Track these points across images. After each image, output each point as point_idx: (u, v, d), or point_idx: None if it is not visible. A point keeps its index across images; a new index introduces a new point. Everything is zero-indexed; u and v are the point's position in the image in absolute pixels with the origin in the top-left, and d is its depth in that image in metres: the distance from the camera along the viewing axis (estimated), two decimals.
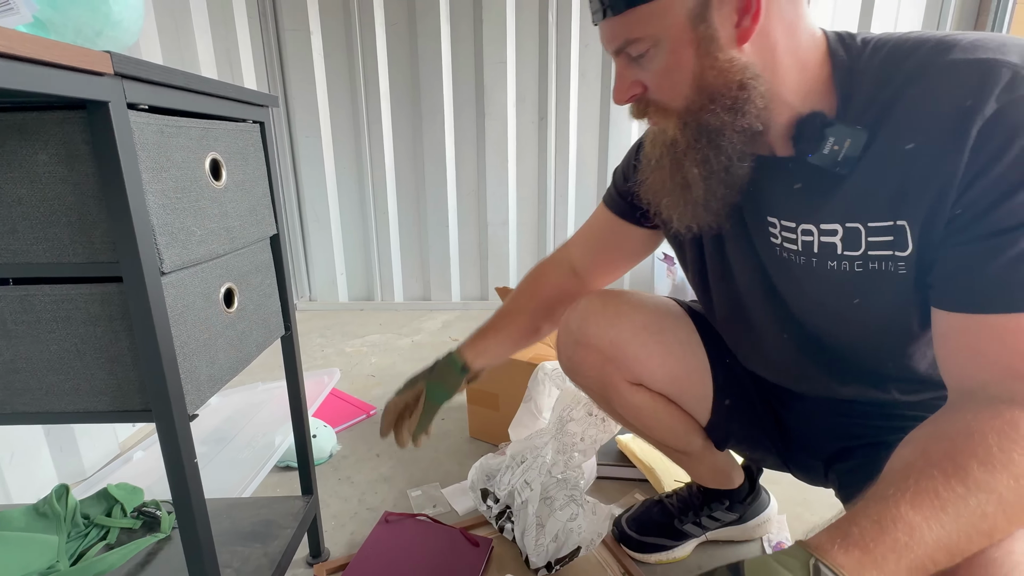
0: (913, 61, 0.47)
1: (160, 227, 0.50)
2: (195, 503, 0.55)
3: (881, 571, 0.37)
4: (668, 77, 0.52)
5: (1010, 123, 0.42)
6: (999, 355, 0.43)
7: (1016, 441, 0.39)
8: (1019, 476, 0.38)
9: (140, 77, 0.47)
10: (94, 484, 1.16)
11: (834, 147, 0.50)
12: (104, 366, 0.52)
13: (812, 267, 0.57)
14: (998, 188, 0.42)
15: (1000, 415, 0.41)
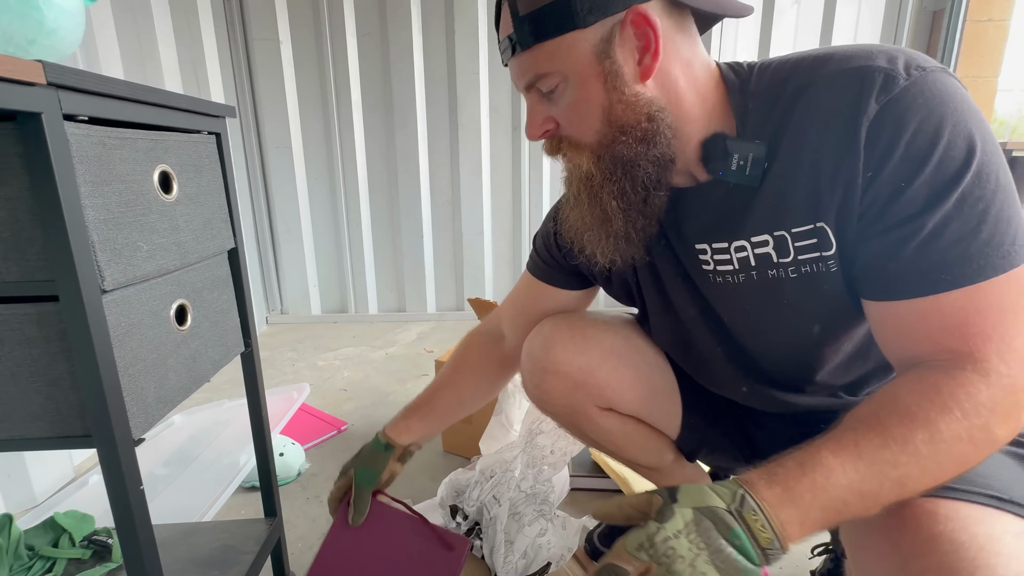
0: (797, 77, 0.51)
1: (101, 243, 0.48)
2: (142, 534, 0.52)
3: (797, 507, 0.41)
4: (578, 111, 0.54)
5: (892, 119, 0.45)
6: (925, 333, 0.46)
7: (933, 401, 0.43)
8: (934, 432, 0.42)
9: (77, 87, 0.45)
10: (46, 511, 1.10)
11: (740, 162, 0.53)
12: (41, 390, 0.49)
13: (753, 280, 0.58)
14: (895, 181, 0.46)
15: (923, 379, 0.45)
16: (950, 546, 0.41)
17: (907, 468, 0.42)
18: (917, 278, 0.46)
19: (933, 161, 0.44)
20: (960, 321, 0.44)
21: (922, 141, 0.44)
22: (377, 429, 1.48)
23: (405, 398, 1.67)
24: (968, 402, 0.42)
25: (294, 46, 2.29)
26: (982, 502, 0.44)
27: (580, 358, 0.74)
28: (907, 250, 0.46)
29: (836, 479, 0.41)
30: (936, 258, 0.45)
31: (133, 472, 0.51)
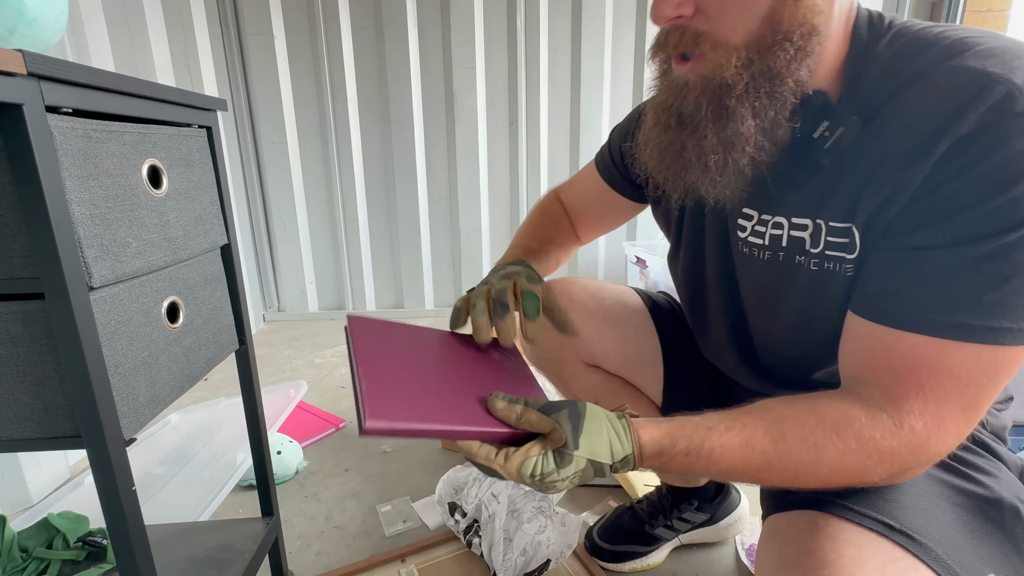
0: (922, 59, 0.44)
1: (88, 239, 0.47)
2: (134, 536, 0.51)
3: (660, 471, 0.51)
4: (739, 1, 0.45)
5: (982, 144, 0.40)
6: (873, 363, 0.46)
7: (838, 435, 0.44)
8: (816, 462, 0.45)
9: (59, 78, 0.43)
10: (40, 512, 1.09)
11: (824, 133, 0.47)
12: (28, 390, 0.48)
13: (777, 262, 0.55)
14: (941, 207, 0.42)
15: (843, 408, 0.45)
16: (815, 562, 0.44)
17: (773, 478, 0.47)
18: (895, 307, 0.44)
19: (995, 202, 0.39)
20: (907, 366, 0.43)
21: (997, 178, 0.39)
22: None
23: None
24: (869, 445, 0.44)
25: (288, 41, 2.27)
26: (870, 526, 0.45)
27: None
28: (901, 277, 0.44)
29: (708, 469, 0.46)
30: (923, 297, 0.42)
31: (124, 473, 0.50)
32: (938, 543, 0.45)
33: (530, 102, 2.30)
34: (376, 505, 1.13)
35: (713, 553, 0.97)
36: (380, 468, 1.26)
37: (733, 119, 0.47)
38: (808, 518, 0.49)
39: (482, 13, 2.22)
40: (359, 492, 1.18)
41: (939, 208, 0.42)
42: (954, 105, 0.41)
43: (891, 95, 0.45)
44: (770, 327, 0.62)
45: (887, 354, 0.44)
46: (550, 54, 2.26)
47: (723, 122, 0.48)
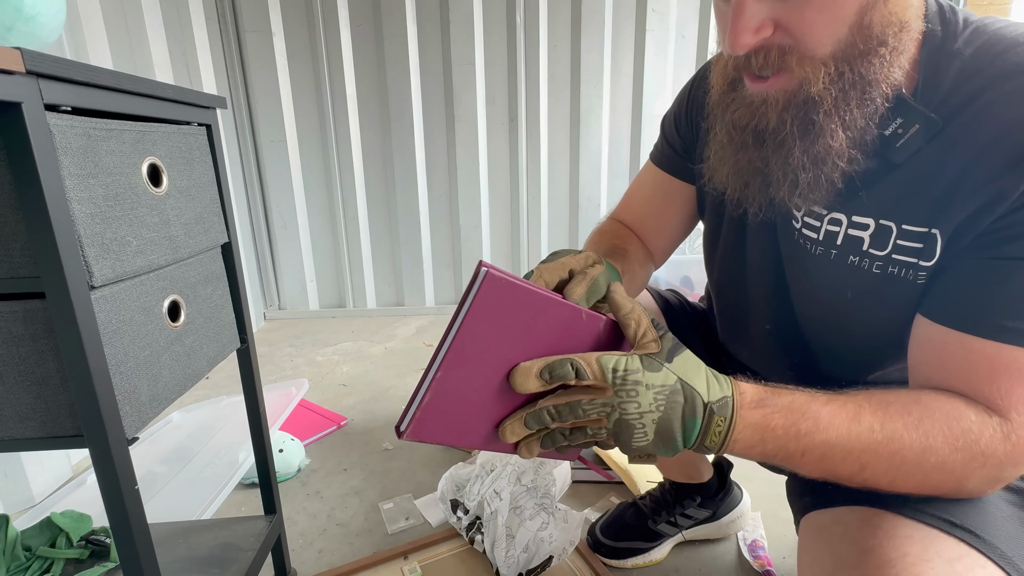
0: (1009, 58, 0.42)
1: (88, 238, 0.47)
2: (137, 534, 0.51)
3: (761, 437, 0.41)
4: (827, 10, 0.41)
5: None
6: (968, 374, 0.43)
7: (948, 427, 0.41)
8: (925, 451, 0.41)
9: (59, 76, 0.43)
10: (43, 511, 1.09)
11: (898, 130, 0.44)
12: (30, 389, 0.48)
13: (830, 259, 0.53)
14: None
15: (951, 403, 0.43)
16: (879, 561, 0.41)
17: (877, 466, 0.42)
18: (990, 319, 0.42)
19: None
20: (1009, 378, 0.42)
21: None
22: (377, 424, 1.47)
23: (405, 392, 1.66)
24: (977, 445, 0.41)
25: (287, 38, 2.26)
26: (929, 522, 0.43)
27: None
28: (997, 287, 0.42)
29: (811, 436, 0.41)
30: (1020, 309, 0.41)
31: (127, 471, 0.50)
32: (1001, 540, 0.43)
33: (530, 99, 2.29)
34: (378, 502, 1.13)
35: (715, 549, 0.97)
36: (382, 465, 1.27)
37: (823, 134, 0.45)
38: (859, 515, 0.46)
39: (481, 9, 2.21)
40: (361, 489, 1.18)
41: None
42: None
43: (973, 95, 0.43)
44: (817, 325, 0.59)
45: (988, 366, 0.42)
46: (550, 51, 2.25)
47: (811, 137, 0.45)
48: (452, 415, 0.42)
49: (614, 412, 0.40)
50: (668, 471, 0.94)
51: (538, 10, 2.19)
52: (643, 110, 2.26)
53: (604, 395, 0.40)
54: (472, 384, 0.42)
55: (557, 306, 0.43)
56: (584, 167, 2.35)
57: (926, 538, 0.42)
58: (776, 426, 0.41)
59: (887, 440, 0.41)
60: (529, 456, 0.44)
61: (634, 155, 2.33)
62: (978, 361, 0.43)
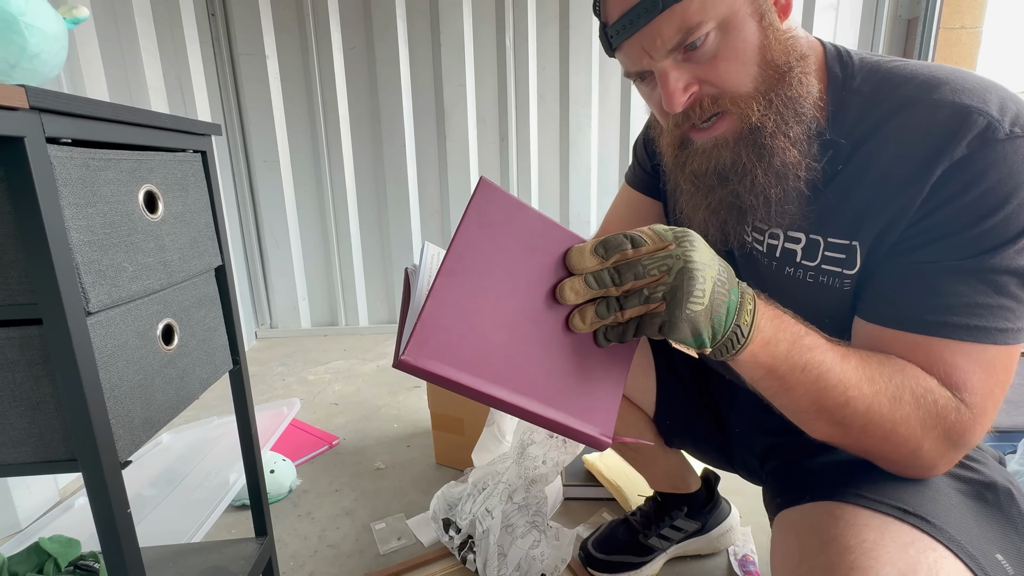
0: (903, 92, 0.50)
1: (85, 265, 0.48)
2: (128, 557, 0.51)
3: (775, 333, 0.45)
4: (733, 58, 0.49)
5: (973, 170, 0.45)
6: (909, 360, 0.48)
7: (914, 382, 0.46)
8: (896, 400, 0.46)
9: (61, 110, 0.45)
10: (29, 536, 1.08)
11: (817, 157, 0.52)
12: (24, 414, 0.49)
13: (771, 270, 0.60)
14: (945, 226, 0.46)
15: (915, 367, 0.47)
16: (839, 548, 0.45)
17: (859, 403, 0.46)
18: (918, 316, 0.47)
19: (990, 222, 0.45)
20: (945, 364, 0.47)
21: (989, 199, 0.44)
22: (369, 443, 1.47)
23: (397, 411, 1.66)
24: (936, 407, 0.46)
25: (280, 60, 2.30)
26: (884, 511, 0.47)
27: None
28: (922, 288, 0.47)
29: (813, 353, 0.45)
30: (944, 305, 0.46)
31: (120, 495, 0.50)
32: (950, 525, 0.46)
33: (520, 118, 2.34)
34: (370, 523, 1.12)
35: (706, 564, 0.98)
36: (373, 485, 1.26)
37: (776, 152, 0.51)
38: (822, 508, 0.50)
39: (471, 31, 2.26)
40: (353, 510, 1.18)
41: (941, 228, 0.46)
42: (943, 134, 0.46)
43: (877, 125, 0.50)
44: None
45: (923, 356, 0.47)
46: (539, 72, 2.30)
47: (767, 159, 0.51)
48: (457, 337, 0.38)
49: (677, 262, 0.41)
50: (656, 482, 0.95)
51: (527, 33, 2.24)
52: (631, 129, 2.31)
53: (667, 250, 0.41)
54: (478, 302, 0.39)
55: (553, 228, 0.43)
56: (574, 185, 2.39)
57: (882, 525, 0.46)
58: (787, 328, 0.45)
59: (868, 380, 0.46)
60: (583, 325, 0.43)
61: (622, 173, 2.38)
62: (915, 353, 0.48)
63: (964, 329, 0.46)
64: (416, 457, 1.37)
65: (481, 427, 1.13)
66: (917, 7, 2.15)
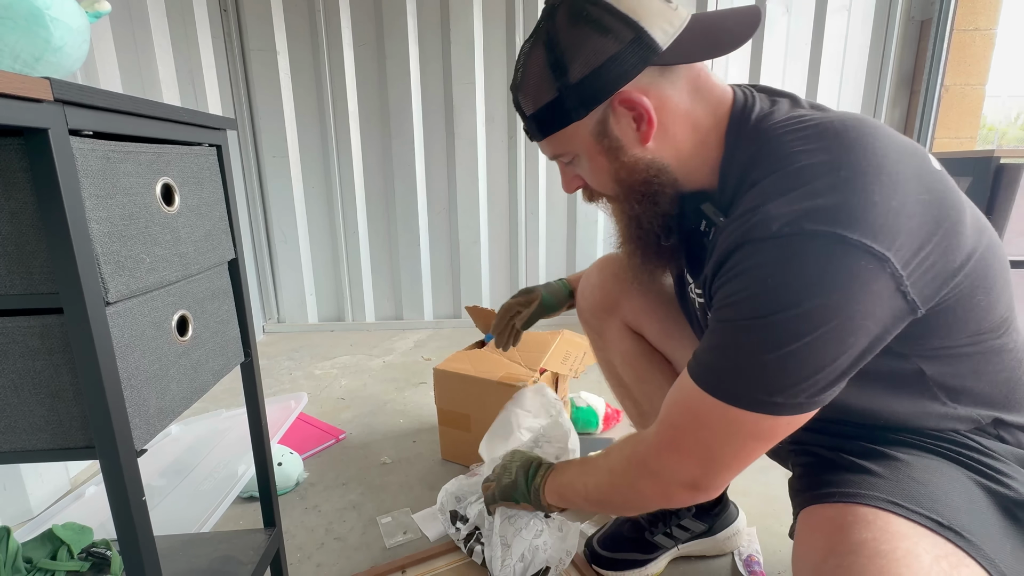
0: (757, 172, 0.52)
1: (105, 256, 0.49)
2: (143, 545, 0.52)
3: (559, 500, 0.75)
4: (594, 177, 0.62)
5: (738, 258, 0.49)
6: (668, 394, 0.58)
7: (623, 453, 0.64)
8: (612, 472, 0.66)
9: (83, 103, 0.45)
10: (42, 523, 1.09)
11: (703, 227, 0.61)
12: (44, 402, 0.49)
13: (699, 318, 0.69)
14: (716, 298, 0.53)
15: (631, 439, 0.64)
16: (870, 552, 0.45)
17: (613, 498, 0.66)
18: (695, 357, 0.55)
19: (744, 294, 0.49)
20: (678, 402, 0.56)
21: (749, 279, 0.48)
22: (375, 438, 1.49)
23: (403, 406, 1.67)
24: (630, 461, 0.61)
25: (291, 57, 2.31)
26: (920, 521, 0.47)
27: (618, 281, 0.86)
28: (707, 335, 0.54)
29: (571, 486, 0.72)
30: (706, 353, 0.53)
31: (135, 483, 0.51)
32: (985, 542, 0.46)
33: None
34: (376, 516, 1.13)
35: (711, 564, 0.98)
36: (380, 480, 1.27)
37: (627, 244, 0.64)
38: (854, 511, 0.49)
39: (482, 29, 2.26)
40: (359, 504, 1.18)
41: (722, 293, 0.51)
42: (743, 217, 0.50)
43: (738, 199, 0.54)
44: None
45: (674, 390, 0.57)
46: None
47: (624, 244, 0.65)
48: None
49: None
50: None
51: None
52: None
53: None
54: None
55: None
56: None
57: (916, 535, 0.45)
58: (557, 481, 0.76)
59: (597, 480, 0.67)
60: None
61: None
62: (676, 390, 0.57)
63: (692, 370, 0.54)
64: (422, 452, 1.38)
65: (488, 424, 1.13)
66: (931, 8, 2.14)
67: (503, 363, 1.30)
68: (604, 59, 0.52)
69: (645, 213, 0.60)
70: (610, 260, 0.89)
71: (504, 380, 1.20)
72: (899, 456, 0.54)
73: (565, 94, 0.55)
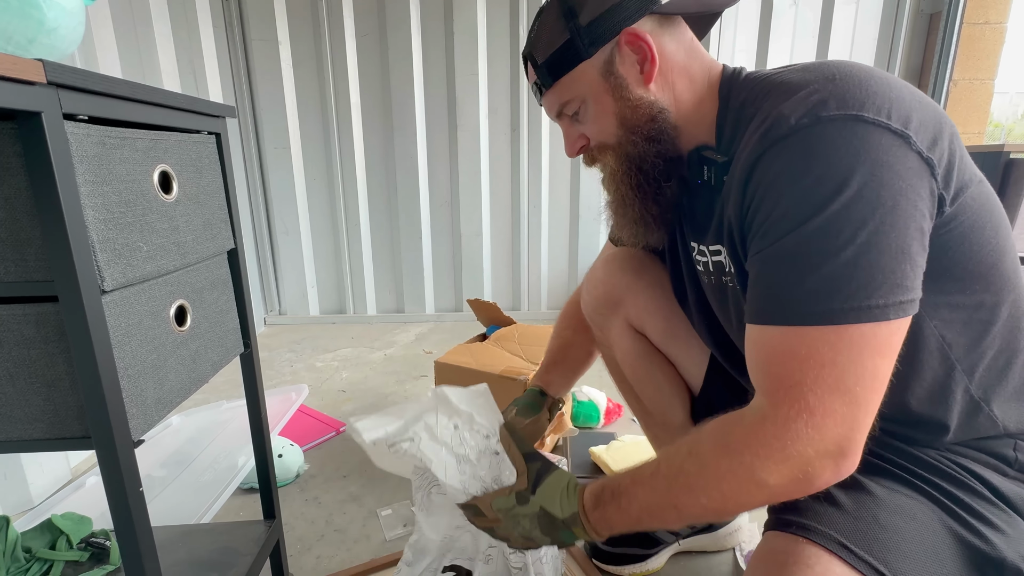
0: (761, 103, 0.53)
1: (101, 243, 0.48)
2: (140, 535, 0.52)
3: (608, 525, 0.57)
4: (598, 122, 0.62)
5: (767, 162, 0.48)
6: (754, 362, 0.51)
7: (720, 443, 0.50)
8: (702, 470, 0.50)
9: (78, 87, 0.45)
10: (42, 513, 1.09)
11: (709, 175, 0.59)
12: (39, 391, 0.49)
13: (713, 284, 0.65)
14: (760, 215, 0.49)
15: (725, 421, 0.51)
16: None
17: (684, 498, 0.51)
18: (757, 305, 0.50)
19: (778, 211, 0.47)
20: (773, 358, 0.48)
21: (783, 184, 0.47)
22: None
23: (404, 398, 1.66)
24: (738, 444, 0.48)
25: (293, 47, 2.29)
26: (863, 571, 0.47)
27: (627, 276, 0.84)
28: (755, 280, 0.50)
29: (634, 505, 0.54)
30: (770, 291, 0.48)
31: (132, 474, 0.51)
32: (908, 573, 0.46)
33: (532, 109, 2.32)
34: (376, 509, 1.13)
35: (712, 560, 0.98)
36: (380, 472, 1.27)
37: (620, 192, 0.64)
38: (801, 550, 0.50)
39: (485, 20, 2.24)
40: (359, 496, 1.18)
41: (759, 218, 0.49)
42: (758, 135, 0.49)
43: (741, 135, 0.55)
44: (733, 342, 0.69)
45: (761, 352, 0.49)
46: None
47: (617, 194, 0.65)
48: None
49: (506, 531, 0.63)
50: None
51: None
52: None
53: (498, 524, 0.63)
54: None
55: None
56: (584, 177, 2.38)
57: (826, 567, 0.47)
58: (611, 516, 0.56)
59: (673, 478, 0.52)
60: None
61: None
62: (755, 350, 0.50)
63: (787, 313, 0.47)
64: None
65: None
66: (940, 1, 2.11)
67: (504, 356, 1.29)
68: (611, 3, 0.58)
69: (647, 153, 0.61)
70: (615, 255, 0.87)
71: (505, 373, 1.19)
72: (872, 489, 0.53)
73: (576, 34, 0.59)
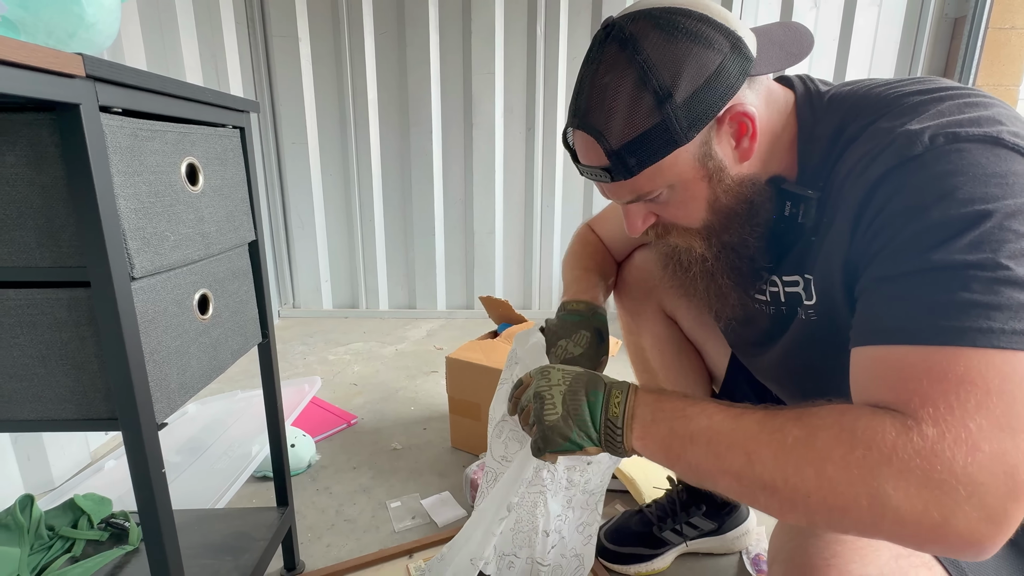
0: (853, 124, 0.50)
1: (131, 232, 0.50)
2: (162, 515, 0.53)
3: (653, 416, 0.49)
4: (684, 208, 0.55)
5: (892, 184, 0.44)
6: (876, 384, 0.43)
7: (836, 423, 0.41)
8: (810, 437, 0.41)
9: (114, 80, 0.46)
10: (63, 494, 1.12)
11: (792, 210, 0.54)
12: (69, 373, 0.51)
13: (771, 314, 0.62)
14: (880, 242, 0.45)
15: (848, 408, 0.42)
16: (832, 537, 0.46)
17: (764, 450, 0.42)
18: (882, 324, 0.44)
19: (919, 226, 0.42)
20: (905, 377, 0.41)
21: (926, 200, 0.42)
22: (386, 424, 1.49)
23: (414, 393, 1.68)
24: (865, 435, 0.39)
25: (312, 43, 2.32)
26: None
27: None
28: (878, 303, 0.45)
29: (697, 420, 0.46)
30: (909, 308, 0.42)
31: (156, 455, 0.52)
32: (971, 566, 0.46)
33: (547, 109, 2.32)
34: (386, 501, 1.15)
35: (719, 562, 0.98)
36: (390, 465, 1.28)
37: (716, 280, 0.60)
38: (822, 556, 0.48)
39: (503, 20, 2.25)
40: (369, 487, 1.20)
41: (882, 238, 0.45)
42: (868, 159, 0.46)
43: (834, 162, 0.51)
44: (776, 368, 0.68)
45: (884, 371, 0.43)
46: (568, 62, 2.28)
47: (710, 283, 0.61)
48: None
49: (530, 392, 0.55)
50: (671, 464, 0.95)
51: (558, 21, 2.22)
52: None
53: (528, 385, 0.57)
54: None
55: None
56: None
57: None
58: (666, 406, 0.48)
59: (772, 430, 0.42)
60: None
61: None
62: (879, 370, 0.43)
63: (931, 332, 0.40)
64: (432, 440, 1.39)
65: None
66: (965, 5, 2.08)
67: None
68: (710, 73, 0.48)
69: (747, 237, 0.55)
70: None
71: None
72: None
73: (672, 116, 0.48)
